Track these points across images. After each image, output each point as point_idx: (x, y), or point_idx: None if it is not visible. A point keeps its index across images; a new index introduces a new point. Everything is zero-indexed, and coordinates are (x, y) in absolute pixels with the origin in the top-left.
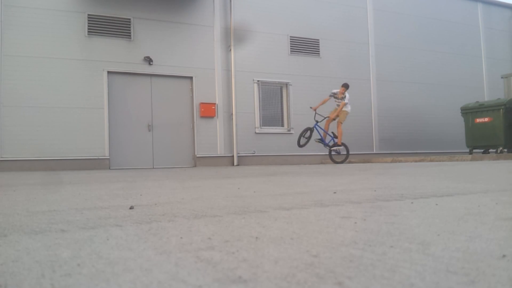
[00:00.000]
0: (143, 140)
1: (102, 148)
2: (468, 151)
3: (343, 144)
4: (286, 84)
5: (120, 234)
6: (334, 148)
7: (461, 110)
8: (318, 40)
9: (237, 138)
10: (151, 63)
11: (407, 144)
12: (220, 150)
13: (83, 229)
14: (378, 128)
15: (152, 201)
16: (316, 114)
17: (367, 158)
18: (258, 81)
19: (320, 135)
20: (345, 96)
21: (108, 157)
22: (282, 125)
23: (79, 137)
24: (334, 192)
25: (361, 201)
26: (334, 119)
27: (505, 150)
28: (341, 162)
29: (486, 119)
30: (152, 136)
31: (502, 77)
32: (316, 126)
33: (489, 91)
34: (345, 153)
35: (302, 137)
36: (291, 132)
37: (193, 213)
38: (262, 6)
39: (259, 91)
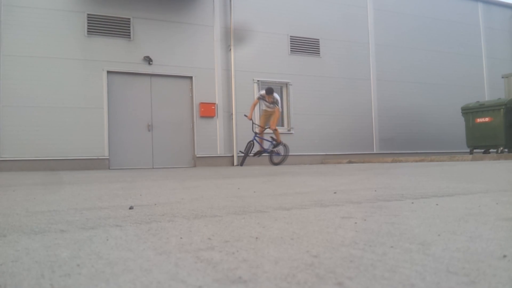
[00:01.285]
0: (142, 140)
1: (101, 148)
2: (468, 151)
3: (283, 144)
4: (286, 84)
5: (120, 234)
6: (277, 148)
7: (462, 110)
8: (318, 40)
9: (237, 138)
10: (150, 63)
11: (407, 144)
12: (220, 150)
13: (83, 229)
14: (378, 128)
15: (152, 201)
16: (254, 125)
17: (367, 158)
18: (258, 80)
19: (260, 145)
20: (277, 101)
21: (108, 157)
22: (282, 125)
23: (78, 137)
24: (334, 192)
25: (361, 201)
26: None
27: (506, 150)
28: (279, 163)
29: (487, 119)
30: (152, 136)
31: (502, 77)
32: (255, 139)
33: (489, 91)
34: (283, 154)
35: (247, 156)
36: (291, 132)
37: (193, 213)
38: (262, 5)
39: (259, 91)
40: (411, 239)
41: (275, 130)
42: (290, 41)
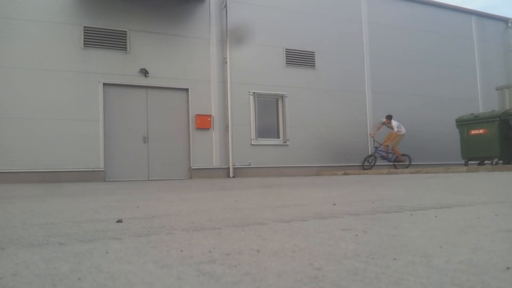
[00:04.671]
0: (138, 152)
1: (97, 160)
2: (463, 162)
3: (405, 155)
4: (282, 96)
5: (119, 247)
6: (396, 162)
7: (456, 122)
8: (313, 52)
9: (233, 150)
10: (147, 75)
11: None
12: (216, 162)
13: (82, 242)
14: (373, 140)
15: (150, 214)
16: (375, 141)
17: (362, 170)
18: (254, 93)
19: (383, 156)
20: (392, 126)
21: (103, 169)
22: (278, 137)
23: (74, 149)
24: (334, 204)
25: (360, 213)
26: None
27: (500, 161)
28: (407, 167)
29: (481, 131)
30: (148, 148)
31: (496, 89)
32: (378, 151)
33: (483, 103)
34: (408, 162)
35: (366, 162)
36: (287, 144)
37: (192, 225)
38: (258, 19)
39: (255, 103)
40: (413, 251)
41: (394, 149)
42: (286, 54)
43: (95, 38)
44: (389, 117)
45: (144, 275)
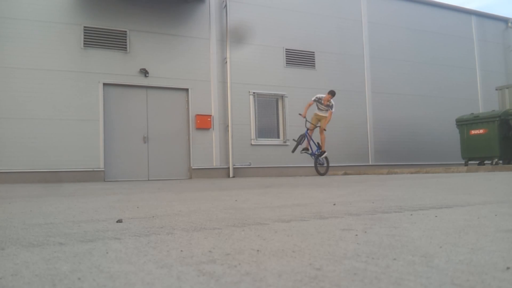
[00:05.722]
0: (138, 152)
1: (97, 160)
2: (463, 162)
3: (325, 155)
4: (282, 96)
5: (119, 247)
6: (321, 157)
7: (456, 121)
8: (313, 52)
9: (232, 149)
10: (147, 75)
11: (402, 155)
12: (216, 162)
13: (82, 242)
14: (373, 140)
15: (150, 214)
16: (307, 122)
17: (363, 170)
18: (254, 93)
19: (308, 143)
20: (332, 105)
21: (103, 169)
22: (278, 137)
23: (74, 149)
24: (334, 204)
25: (360, 213)
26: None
27: (500, 161)
28: (324, 174)
29: (481, 131)
30: (148, 148)
31: (496, 89)
32: (307, 134)
33: (483, 103)
34: (325, 164)
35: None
36: (286, 143)
37: (192, 225)
38: (258, 19)
39: (255, 103)
40: (413, 251)
41: (322, 134)
42: (286, 53)
43: (95, 38)
44: (332, 93)
45: (144, 275)
